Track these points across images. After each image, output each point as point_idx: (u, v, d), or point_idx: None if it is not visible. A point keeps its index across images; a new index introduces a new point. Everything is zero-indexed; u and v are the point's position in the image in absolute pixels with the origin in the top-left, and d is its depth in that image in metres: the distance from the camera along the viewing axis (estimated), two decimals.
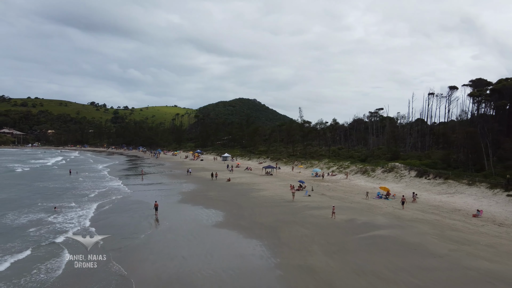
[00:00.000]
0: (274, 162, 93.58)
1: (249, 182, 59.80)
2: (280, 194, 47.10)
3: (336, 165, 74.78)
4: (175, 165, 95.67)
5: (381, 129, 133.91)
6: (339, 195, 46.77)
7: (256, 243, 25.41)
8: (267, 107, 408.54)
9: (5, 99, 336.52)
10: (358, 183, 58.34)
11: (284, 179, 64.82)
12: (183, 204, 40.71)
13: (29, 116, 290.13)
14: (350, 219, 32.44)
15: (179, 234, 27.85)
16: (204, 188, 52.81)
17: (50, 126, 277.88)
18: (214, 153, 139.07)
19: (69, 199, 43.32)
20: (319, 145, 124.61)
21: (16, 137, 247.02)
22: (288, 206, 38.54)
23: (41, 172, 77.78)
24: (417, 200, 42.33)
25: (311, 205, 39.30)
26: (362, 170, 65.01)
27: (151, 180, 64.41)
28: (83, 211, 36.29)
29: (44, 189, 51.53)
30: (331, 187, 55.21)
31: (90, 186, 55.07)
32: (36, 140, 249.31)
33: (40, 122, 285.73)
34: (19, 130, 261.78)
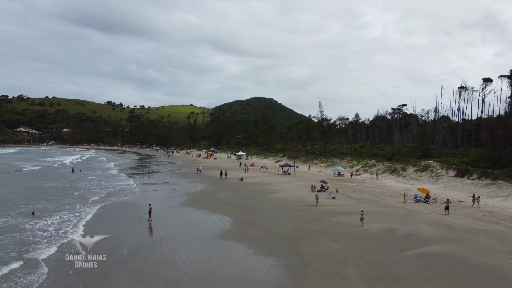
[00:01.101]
0: (292, 160, 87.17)
1: (264, 182, 53.65)
2: (300, 196, 40.79)
3: (360, 163, 67.88)
4: (186, 164, 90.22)
5: (405, 126, 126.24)
6: (368, 198, 40.15)
7: (270, 262, 19.29)
8: (283, 106, 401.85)
9: (23, 98, 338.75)
10: (387, 184, 51.48)
11: (303, 179, 58.41)
12: (185, 207, 34.82)
13: (46, 115, 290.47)
14: (389, 228, 25.93)
15: (174, 248, 21.95)
16: (213, 189, 46.91)
17: (66, 125, 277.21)
18: (228, 151, 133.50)
19: (59, 201, 38.00)
20: (339, 142, 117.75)
21: (32, 135, 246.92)
22: (309, 211, 32.22)
23: (47, 171, 73.30)
24: (478, 204, 34.85)
25: (337, 209, 32.88)
26: (391, 169, 58.03)
27: (157, 179, 58.92)
28: (67, 216, 30.79)
29: (38, 190, 46.41)
30: (357, 188, 48.55)
31: (89, 186, 49.87)
32: (51, 139, 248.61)
33: (56, 121, 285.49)
34: (35, 129, 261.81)
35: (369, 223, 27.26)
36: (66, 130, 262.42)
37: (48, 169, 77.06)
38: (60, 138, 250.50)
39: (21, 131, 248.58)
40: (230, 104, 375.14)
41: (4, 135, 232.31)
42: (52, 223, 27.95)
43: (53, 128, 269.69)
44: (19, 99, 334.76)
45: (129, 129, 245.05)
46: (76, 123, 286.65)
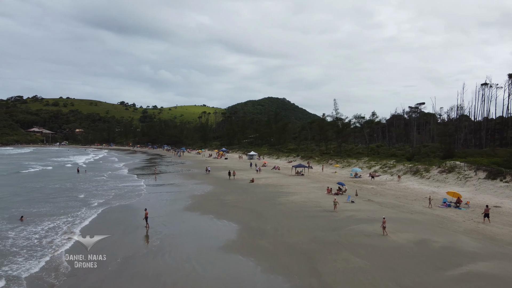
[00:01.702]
0: (305, 160, 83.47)
1: (276, 184, 50.21)
2: (315, 199, 37.22)
3: (379, 164, 63.82)
4: (196, 164, 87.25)
5: (424, 125, 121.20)
6: (391, 202, 36.34)
7: (282, 283, 15.94)
8: (296, 106, 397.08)
9: (37, 99, 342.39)
10: (410, 186, 47.47)
11: (318, 180, 54.75)
12: (189, 212, 31.62)
13: (59, 115, 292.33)
14: (421, 239, 22.26)
15: (169, 262, 18.78)
16: (221, 191, 43.65)
17: (79, 125, 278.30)
18: (240, 151, 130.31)
19: (55, 204, 35.30)
20: (354, 142, 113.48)
21: (45, 135, 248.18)
22: (326, 218, 28.68)
23: (54, 172, 71.26)
24: None
25: (357, 216, 29.24)
26: (413, 170, 53.91)
27: (164, 180, 56.00)
28: (59, 221, 27.91)
29: (38, 191, 43.92)
30: (378, 190, 44.70)
31: (92, 187, 47.22)
32: (64, 139, 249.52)
33: (70, 121, 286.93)
34: (49, 129, 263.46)
35: (396, 232, 23.64)
36: (78, 130, 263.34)
37: (57, 169, 74.94)
38: (72, 138, 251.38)
39: (34, 131, 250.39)
40: (243, 104, 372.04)
41: (18, 135, 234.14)
42: (39, 231, 25.05)
43: (66, 128, 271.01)
44: (33, 99, 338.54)
45: (140, 129, 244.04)
46: (89, 123, 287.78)
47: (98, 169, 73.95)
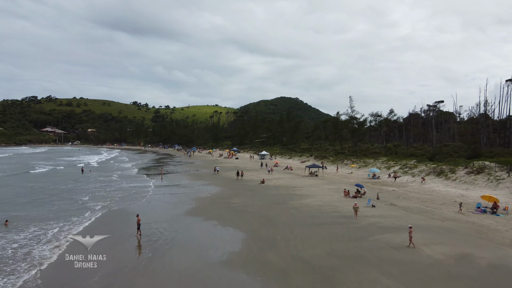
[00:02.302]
0: (319, 160, 79.78)
1: (289, 185, 46.79)
2: (331, 203, 33.70)
3: (398, 164, 59.81)
4: (205, 164, 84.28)
5: (442, 124, 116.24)
6: (416, 206, 32.60)
7: None
8: (309, 106, 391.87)
9: (51, 99, 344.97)
10: (435, 188, 43.52)
11: (333, 182, 51.14)
12: (191, 217, 28.46)
13: (72, 115, 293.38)
14: (462, 254, 18.59)
15: (160, 280, 15.57)
16: (229, 193, 40.44)
17: (91, 125, 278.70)
18: (251, 151, 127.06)
19: (47, 207, 32.56)
20: (370, 141, 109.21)
21: (57, 135, 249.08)
22: (346, 225, 25.16)
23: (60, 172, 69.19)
24: None
25: (381, 223, 25.65)
26: (436, 170, 49.84)
27: (169, 180, 53.09)
28: (46, 228, 25.02)
29: (36, 192, 41.49)
30: (400, 193, 40.92)
31: (94, 188, 44.57)
32: (76, 139, 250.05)
33: (82, 121, 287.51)
34: (62, 128, 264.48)
35: (429, 244, 20.06)
36: (90, 130, 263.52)
37: (66, 169, 72.75)
38: (85, 138, 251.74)
39: (47, 131, 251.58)
40: (255, 104, 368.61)
41: (31, 135, 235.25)
42: (19, 239, 22.15)
43: (78, 128, 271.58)
44: (47, 99, 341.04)
45: (152, 129, 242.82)
46: (101, 123, 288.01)
47: (103, 169, 71.58)
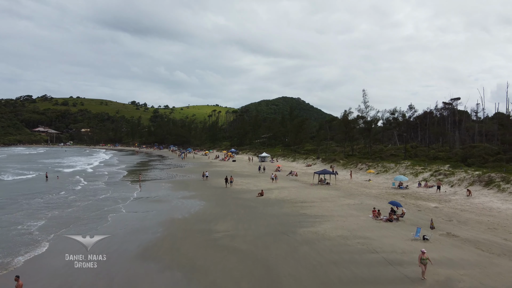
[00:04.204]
0: (328, 164, 69.12)
1: (295, 199, 36.08)
2: (360, 231, 22.95)
3: (427, 169, 49.08)
4: (196, 168, 73.46)
5: (463, 122, 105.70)
6: (488, 239, 21.87)
7: None
8: (311, 106, 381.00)
9: (46, 98, 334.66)
10: (489, 204, 32.75)
11: (350, 193, 40.45)
12: (142, 263, 17.79)
13: (67, 114, 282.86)
14: None
15: None
16: (214, 212, 29.75)
17: (86, 124, 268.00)
18: (251, 152, 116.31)
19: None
20: (382, 142, 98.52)
21: (50, 135, 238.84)
22: (401, 286, 14.48)
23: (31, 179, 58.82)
24: None
25: (461, 280, 14.97)
26: (483, 179, 39.10)
27: (145, 191, 42.35)
28: None
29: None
30: (447, 212, 30.14)
31: (43, 202, 34.05)
32: (70, 139, 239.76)
33: (77, 121, 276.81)
34: (55, 128, 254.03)
35: None
36: (84, 130, 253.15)
37: (35, 176, 62.33)
38: (78, 138, 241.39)
39: (39, 131, 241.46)
40: (256, 104, 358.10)
41: (22, 135, 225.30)
42: None
43: (72, 128, 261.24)
44: (42, 99, 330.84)
45: (147, 129, 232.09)
46: (97, 123, 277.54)
47: (72, 174, 61.03)
